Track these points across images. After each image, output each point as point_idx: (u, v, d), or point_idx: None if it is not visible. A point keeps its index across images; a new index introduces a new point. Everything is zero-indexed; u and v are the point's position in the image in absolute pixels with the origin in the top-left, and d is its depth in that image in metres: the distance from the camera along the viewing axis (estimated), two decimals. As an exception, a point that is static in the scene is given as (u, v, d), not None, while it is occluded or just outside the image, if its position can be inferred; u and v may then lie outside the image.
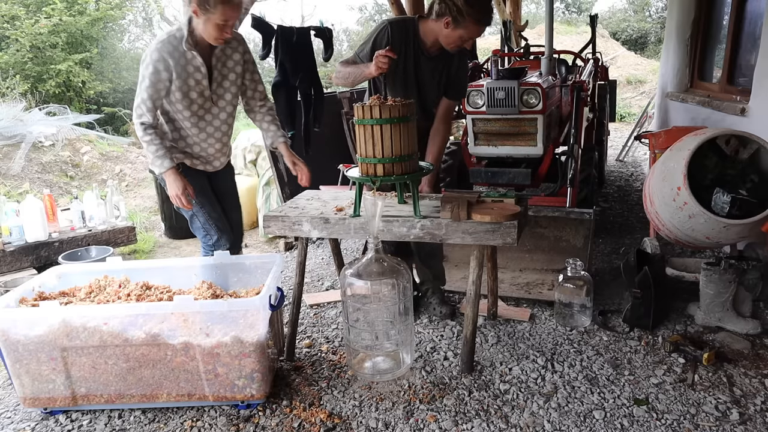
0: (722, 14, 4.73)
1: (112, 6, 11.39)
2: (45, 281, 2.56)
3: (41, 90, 9.55)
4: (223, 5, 2.27)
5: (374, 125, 2.33)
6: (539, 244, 3.55)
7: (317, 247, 4.40)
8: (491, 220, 2.28)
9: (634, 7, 18.20)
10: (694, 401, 2.24)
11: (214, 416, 2.27)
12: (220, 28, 2.33)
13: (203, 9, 2.26)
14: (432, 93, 2.79)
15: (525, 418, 2.18)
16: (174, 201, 2.53)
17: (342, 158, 4.75)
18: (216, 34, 2.34)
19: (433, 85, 2.77)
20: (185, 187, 2.51)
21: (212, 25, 2.31)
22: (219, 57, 2.52)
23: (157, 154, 2.45)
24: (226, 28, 2.34)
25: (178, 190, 2.49)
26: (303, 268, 2.67)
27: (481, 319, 2.94)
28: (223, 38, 2.39)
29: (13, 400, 2.47)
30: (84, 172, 6.96)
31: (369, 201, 2.36)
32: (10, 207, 3.93)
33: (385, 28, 2.62)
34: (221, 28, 2.33)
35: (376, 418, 2.22)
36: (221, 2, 2.26)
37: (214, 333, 2.18)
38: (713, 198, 2.62)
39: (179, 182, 2.49)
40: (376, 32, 2.64)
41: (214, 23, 2.30)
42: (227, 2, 2.28)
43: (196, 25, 2.36)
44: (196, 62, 2.43)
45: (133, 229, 4.44)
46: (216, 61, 2.51)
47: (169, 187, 2.50)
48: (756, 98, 3.49)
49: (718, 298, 2.77)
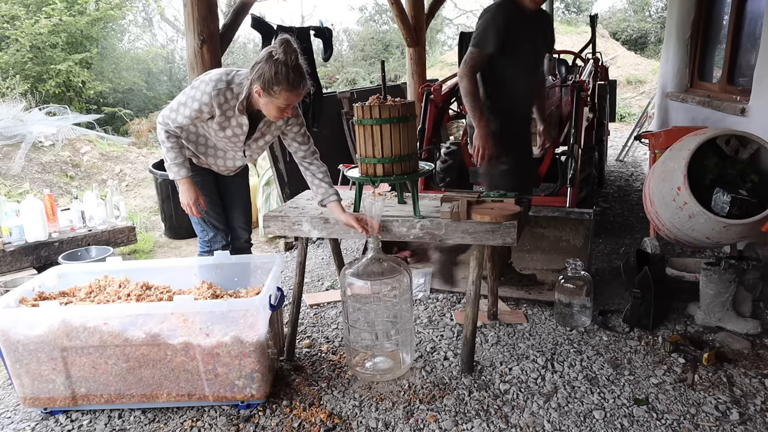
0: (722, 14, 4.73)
1: (112, 6, 11.39)
2: (45, 281, 2.56)
3: (41, 90, 9.55)
4: (288, 93, 2.20)
5: (374, 125, 2.33)
6: (539, 244, 3.55)
7: (317, 247, 4.40)
8: (491, 220, 2.28)
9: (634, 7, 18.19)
10: (694, 401, 2.24)
11: (214, 416, 2.27)
12: (281, 111, 2.28)
13: (267, 93, 2.21)
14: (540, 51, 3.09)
15: (525, 418, 2.18)
16: (185, 208, 2.54)
17: (342, 158, 4.76)
18: (276, 114, 2.30)
19: (539, 44, 3.03)
20: (197, 198, 2.52)
21: (274, 107, 2.26)
22: (267, 121, 2.47)
23: (176, 161, 2.44)
24: (287, 109, 2.29)
25: (190, 200, 2.50)
26: (303, 268, 2.67)
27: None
28: (282, 117, 2.35)
29: (13, 400, 2.47)
30: (84, 172, 6.96)
31: (369, 201, 2.36)
32: (10, 207, 3.93)
33: (497, 9, 2.84)
34: (282, 110, 2.28)
35: (376, 418, 2.22)
36: (287, 90, 2.19)
37: (214, 333, 2.18)
38: (713, 198, 2.62)
39: (192, 192, 2.50)
40: (490, 18, 2.84)
41: (276, 106, 2.26)
42: (292, 90, 2.21)
43: (255, 97, 2.29)
44: (242, 121, 2.39)
45: (133, 229, 4.44)
46: (263, 124, 2.47)
47: (181, 195, 2.50)
48: (756, 98, 3.49)
49: (718, 298, 2.77)
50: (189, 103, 2.33)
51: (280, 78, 2.16)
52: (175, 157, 2.44)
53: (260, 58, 2.20)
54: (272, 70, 2.15)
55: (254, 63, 2.22)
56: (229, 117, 2.38)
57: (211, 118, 2.37)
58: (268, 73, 2.16)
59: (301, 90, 2.23)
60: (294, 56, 2.17)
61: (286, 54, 2.15)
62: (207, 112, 2.33)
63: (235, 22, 3.61)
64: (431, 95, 4.27)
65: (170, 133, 2.43)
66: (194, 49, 3.35)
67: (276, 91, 2.19)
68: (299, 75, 2.19)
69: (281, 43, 2.17)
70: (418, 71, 6.16)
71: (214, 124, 2.39)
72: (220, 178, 2.74)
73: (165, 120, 2.41)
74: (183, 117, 2.36)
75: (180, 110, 2.36)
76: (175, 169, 2.46)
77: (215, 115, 2.35)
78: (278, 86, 2.17)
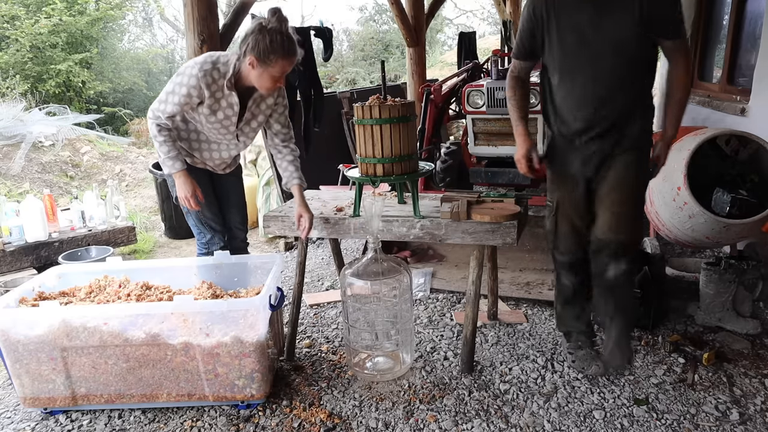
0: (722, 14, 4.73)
1: (112, 6, 11.39)
2: (45, 281, 2.56)
3: (41, 90, 9.55)
4: (284, 60, 2.24)
5: (374, 125, 2.34)
6: (539, 244, 3.54)
7: (317, 247, 4.40)
8: (491, 220, 2.28)
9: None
10: (694, 401, 2.24)
11: (214, 416, 2.27)
12: (275, 80, 2.31)
13: (263, 63, 2.23)
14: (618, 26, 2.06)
15: (525, 418, 2.18)
16: (182, 202, 2.53)
17: (342, 158, 4.75)
18: (270, 85, 2.32)
19: (616, 18, 2.06)
20: (194, 190, 2.51)
21: (268, 76, 2.28)
22: (255, 99, 2.48)
23: (169, 155, 2.44)
24: (280, 79, 2.32)
25: (188, 192, 2.49)
26: (303, 268, 2.67)
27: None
28: (275, 88, 2.37)
29: (13, 400, 2.47)
30: (84, 172, 6.96)
31: (369, 201, 2.36)
32: (10, 207, 3.93)
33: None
34: (276, 80, 2.31)
35: (376, 418, 2.22)
36: (282, 57, 2.22)
37: (214, 333, 2.18)
38: (713, 198, 2.63)
39: (189, 184, 2.49)
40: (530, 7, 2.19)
41: (271, 75, 2.28)
42: (288, 57, 2.25)
43: (245, 70, 2.31)
44: (232, 100, 2.40)
45: (133, 229, 4.44)
46: (252, 102, 2.48)
47: (178, 188, 2.50)
48: (756, 98, 3.49)
49: (718, 298, 2.77)
50: (177, 89, 2.34)
51: (276, 46, 2.20)
52: (168, 150, 2.44)
53: (250, 31, 2.23)
54: (267, 39, 2.19)
55: (244, 37, 2.26)
56: (219, 99, 2.38)
57: (200, 103, 2.37)
58: (263, 43, 2.19)
59: (295, 57, 2.28)
60: (286, 24, 2.22)
61: (279, 22, 2.20)
62: (196, 96, 2.34)
63: (235, 22, 3.61)
64: (431, 95, 4.27)
65: (162, 127, 2.42)
66: (194, 49, 3.34)
67: (272, 60, 2.22)
68: (293, 42, 2.24)
69: (273, 13, 2.21)
70: (418, 71, 6.16)
71: (204, 108, 2.39)
72: (215, 177, 2.74)
73: (155, 113, 2.41)
74: (172, 105, 2.36)
75: (169, 99, 2.36)
76: (170, 162, 2.45)
77: (204, 99, 2.35)
78: (274, 54, 2.21)
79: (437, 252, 3.85)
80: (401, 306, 2.44)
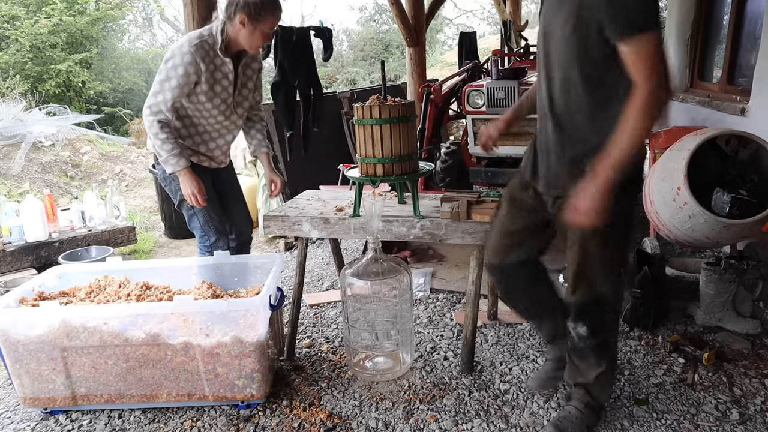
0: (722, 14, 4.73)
1: (112, 6, 11.40)
2: (45, 281, 2.56)
3: (41, 90, 9.55)
4: (273, 15, 2.36)
5: (374, 125, 2.34)
6: (539, 244, 3.54)
7: (317, 247, 4.40)
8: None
9: (634, 7, 18.19)
10: (694, 401, 2.24)
11: (214, 416, 2.27)
12: (265, 37, 2.40)
13: (255, 19, 2.32)
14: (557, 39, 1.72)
15: (525, 418, 2.18)
16: (188, 199, 2.53)
17: (342, 158, 4.76)
18: (260, 42, 2.40)
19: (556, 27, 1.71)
20: (199, 186, 2.52)
21: (259, 33, 2.37)
22: (243, 65, 2.55)
23: (173, 152, 2.44)
24: (269, 35, 2.42)
25: (194, 189, 2.50)
26: (303, 268, 2.67)
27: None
28: (262, 45, 2.45)
29: (13, 400, 2.47)
30: (84, 172, 6.96)
31: (369, 201, 2.36)
32: (10, 207, 3.93)
33: None
34: (266, 36, 2.40)
35: (376, 418, 2.22)
36: (272, 12, 2.34)
37: (214, 333, 2.18)
38: (713, 198, 2.62)
39: (193, 181, 2.50)
40: None
41: (261, 31, 2.36)
42: (276, 12, 2.37)
43: (233, 33, 2.38)
44: (227, 69, 2.45)
45: (133, 229, 4.44)
46: (241, 69, 2.54)
47: (183, 185, 2.50)
48: (756, 98, 3.48)
49: (718, 298, 2.77)
50: (172, 74, 2.36)
51: (266, 2, 2.32)
52: (171, 148, 2.44)
53: None
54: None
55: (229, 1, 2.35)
56: (214, 70, 2.43)
57: (197, 84, 2.40)
58: (252, 1, 2.30)
59: (281, 12, 2.41)
60: None
61: None
62: (194, 73, 2.37)
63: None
64: (431, 95, 4.27)
65: (163, 123, 2.42)
66: (194, 49, 3.35)
67: (263, 16, 2.32)
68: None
69: None
70: (418, 71, 6.16)
71: (203, 86, 2.42)
72: (215, 177, 2.75)
73: (153, 109, 2.41)
74: (171, 91, 2.38)
75: (165, 87, 2.38)
76: (174, 160, 2.45)
77: (201, 74, 2.39)
78: (265, 10, 2.33)
79: (437, 252, 3.85)
80: (401, 306, 2.44)
